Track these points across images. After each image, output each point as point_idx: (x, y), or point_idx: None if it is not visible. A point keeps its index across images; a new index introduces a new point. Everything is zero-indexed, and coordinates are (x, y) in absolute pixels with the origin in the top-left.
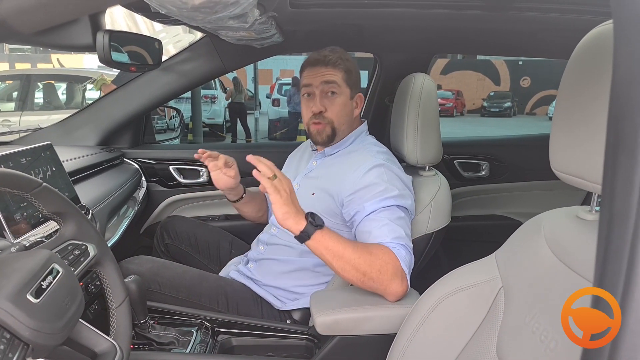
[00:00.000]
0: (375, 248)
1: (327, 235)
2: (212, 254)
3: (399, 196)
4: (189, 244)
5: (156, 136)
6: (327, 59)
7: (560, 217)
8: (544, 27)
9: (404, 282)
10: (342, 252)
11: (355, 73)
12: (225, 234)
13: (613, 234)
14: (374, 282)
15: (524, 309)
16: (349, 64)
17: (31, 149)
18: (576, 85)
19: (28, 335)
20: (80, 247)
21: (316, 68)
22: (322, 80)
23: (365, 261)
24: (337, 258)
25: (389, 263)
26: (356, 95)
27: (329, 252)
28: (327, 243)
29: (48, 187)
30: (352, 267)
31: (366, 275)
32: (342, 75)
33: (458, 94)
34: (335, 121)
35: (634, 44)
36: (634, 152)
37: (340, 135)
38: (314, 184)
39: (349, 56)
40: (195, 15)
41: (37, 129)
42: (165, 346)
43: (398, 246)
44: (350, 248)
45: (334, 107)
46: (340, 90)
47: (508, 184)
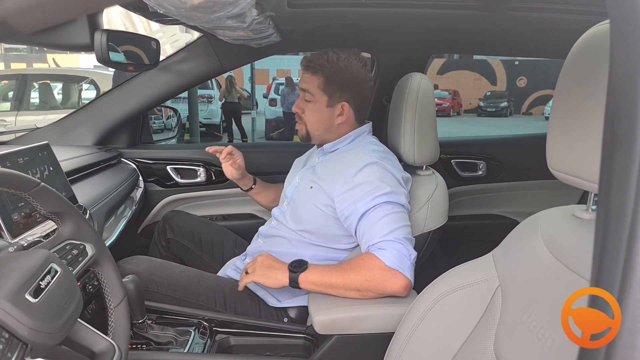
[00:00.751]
0: (357, 261)
1: (311, 274)
2: (215, 253)
3: (391, 193)
4: (192, 241)
5: (153, 136)
6: (308, 64)
7: (557, 216)
8: (540, 27)
9: (397, 277)
10: (329, 282)
11: (340, 80)
12: (230, 233)
13: (609, 232)
14: (372, 292)
15: (521, 307)
16: (333, 71)
17: (28, 148)
18: (572, 85)
19: (27, 335)
20: (78, 247)
21: (303, 70)
22: (300, 87)
23: (353, 279)
24: (328, 288)
25: (374, 268)
26: (340, 103)
27: (319, 287)
28: (313, 280)
29: (46, 187)
30: (345, 289)
31: (361, 289)
32: (319, 82)
33: (455, 94)
34: (308, 125)
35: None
36: (630, 151)
37: (320, 138)
38: (313, 179)
39: (342, 61)
40: (193, 15)
41: (34, 129)
42: (163, 346)
43: (384, 244)
44: (336, 274)
45: (307, 112)
46: (314, 98)
47: (505, 183)
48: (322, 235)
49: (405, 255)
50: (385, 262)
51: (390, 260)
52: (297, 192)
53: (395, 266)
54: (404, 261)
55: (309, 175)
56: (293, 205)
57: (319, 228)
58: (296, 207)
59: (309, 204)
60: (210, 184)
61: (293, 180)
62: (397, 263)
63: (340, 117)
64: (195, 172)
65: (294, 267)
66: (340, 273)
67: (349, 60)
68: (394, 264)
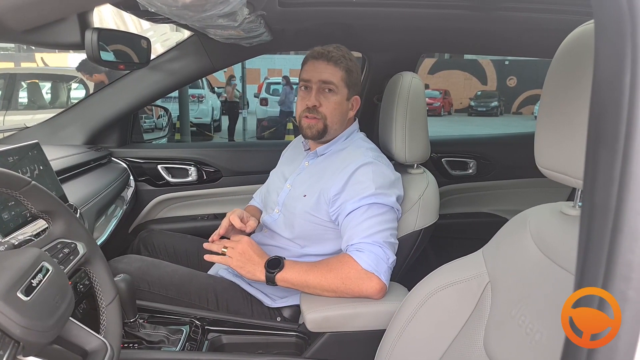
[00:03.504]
0: (334, 262)
1: (288, 273)
2: (191, 261)
3: (380, 194)
4: (167, 254)
5: (144, 135)
6: (330, 55)
7: (545, 213)
8: (529, 27)
9: (372, 280)
10: (305, 281)
11: (356, 74)
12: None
13: (594, 226)
14: (347, 293)
15: (510, 302)
16: (350, 64)
17: (18, 147)
18: (559, 84)
19: (19, 333)
20: (69, 246)
21: (318, 62)
22: (320, 78)
23: (328, 280)
24: (305, 287)
25: (350, 270)
26: (353, 97)
27: (295, 286)
28: (290, 280)
29: (37, 186)
30: (322, 289)
31: (337, 290)
32: (342, 75)
33: (445, 94)
34: (329, 118)
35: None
36: (613, 147)
37: (332, 134)
38: (305, 186)
39: (353, 56)
40: (184, 14)
41: (23, 128)
42: (155, 345)
43: (362, 245)
44: (312, 274)
45: (329, 104)
46: (338, 89)
47: (495, 181)
48: (316, 241)
49: (382, 258)
50: (362, 264)
51: (367, 263)
52: (289, 200)
53: (371, 269)
54: (381, 264)
55: (300, 182)
56: (286, 213)
57: (314, 234)
58: (289, 215)
59: (302, 212)
60: (201, 183)
61: (284, 186)
62: (373, 266)
63: (351, 111)
64: (187, 172)
65: (270, 266)
66: (316, 273)
67: (352, 55)
68: (370, 266)
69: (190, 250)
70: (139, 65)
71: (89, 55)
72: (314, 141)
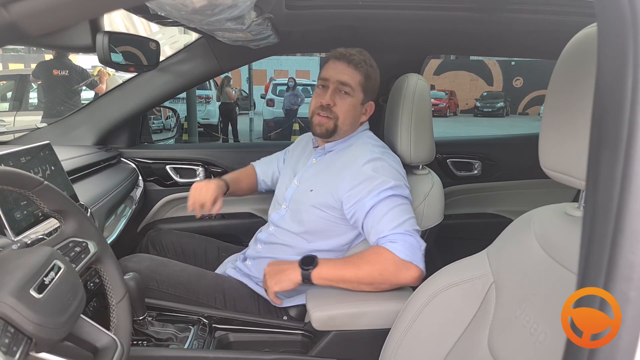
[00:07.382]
0: (370, 254)
1: (323, 269)
2: (198, 260)
3: (396, 187)
4: (175, 253)
5: (152, 136)
6: (351, 57)
7: (550, 214)
8: (534, 29)
9: (410, 268)
10: (342, 276)
11: (374, 81)
12: (213, 240)
13: (596, 226)
14: (385, 284)
15: (515, 303)
16: (370, 70)
17: (30, 148)
18: (564, 86)
19: (32, 330)
20: (80, 245)
21: (339, 63)
22: (337, 79)
23: (366, 273)
24: (342, 283)
25: (387, 261)
26: (368, 103)
27: (332, 282)
28: (326, 275)
29: (49, 185)
30: (359, 283)
31: (374, 283)
32: (360, 79)
33: (451, 94)
34: (341, 118)
35: (617, 48)
36: (615, 149)
37: (340, 135)
38: (313, 182)
39: (374, 63)
40: (194, 17)
41: (34, 129)
42: (164, 342)
43: (395, 237)
44: (348, 268)
45: (343, 104)
46: (354, 92)
47: (500, 182)
48: (324, 236)
49: (416, 247)
50: (399, 254)
51: (404, 253)
52: (297, 195)
53: (409, 258)
54: (416, 253)
55: (308, 178)
56: (293, 209)
57: (322, 229)
58: (297, 210)
59: (309, 207)
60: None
61: (292, 182)
62: (410, 255)
63: (364, 115)
64: (194, 172)
65: (305, 263)
66: (352, 267)
67: (374, 62)
68: (407, 256)
69: (198, 249)
70: (148, 67)
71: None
72: (323, 139)
